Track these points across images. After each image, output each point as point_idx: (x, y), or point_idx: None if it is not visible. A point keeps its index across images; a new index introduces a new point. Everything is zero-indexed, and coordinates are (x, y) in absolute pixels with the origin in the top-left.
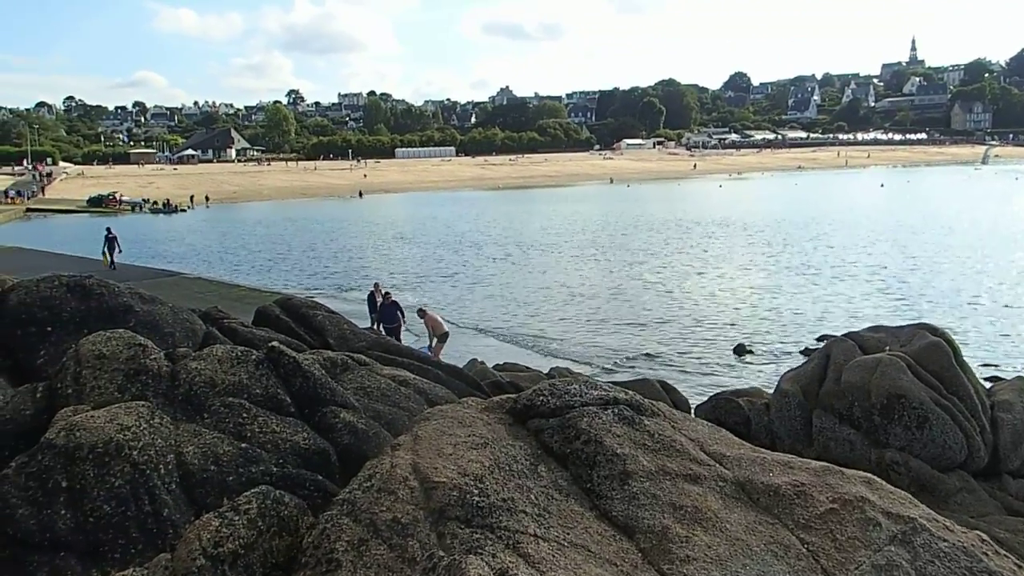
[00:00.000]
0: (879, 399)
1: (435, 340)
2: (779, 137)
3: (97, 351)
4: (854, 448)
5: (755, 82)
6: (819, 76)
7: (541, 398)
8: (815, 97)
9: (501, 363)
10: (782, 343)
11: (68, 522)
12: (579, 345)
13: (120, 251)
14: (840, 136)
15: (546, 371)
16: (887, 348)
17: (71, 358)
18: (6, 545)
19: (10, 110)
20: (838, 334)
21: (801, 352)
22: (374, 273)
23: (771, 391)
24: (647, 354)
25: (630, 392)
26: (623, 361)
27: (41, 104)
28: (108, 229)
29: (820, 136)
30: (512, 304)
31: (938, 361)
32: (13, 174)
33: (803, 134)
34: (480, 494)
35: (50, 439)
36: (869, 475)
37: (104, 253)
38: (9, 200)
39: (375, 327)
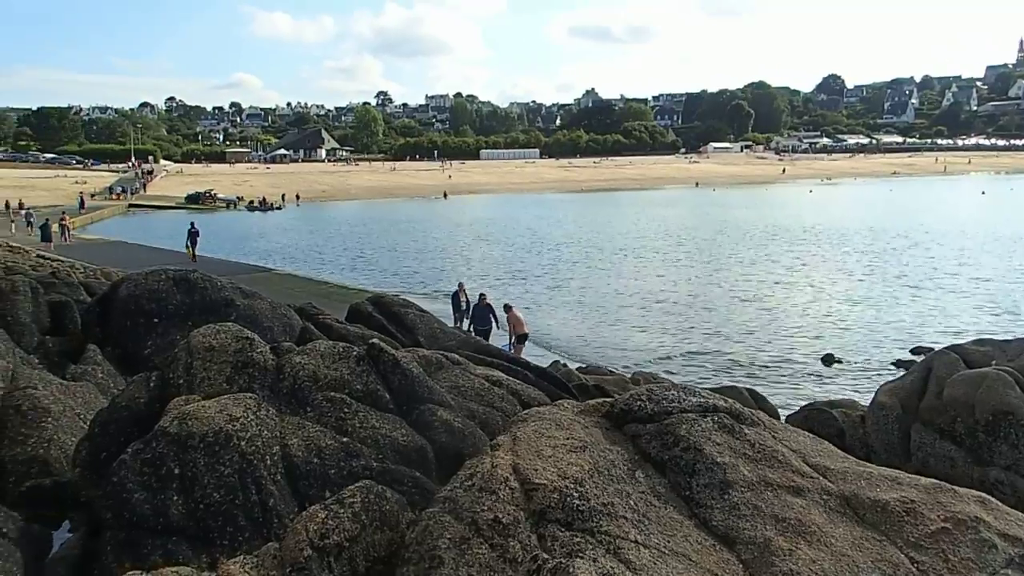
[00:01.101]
0: (984, 415)
1: (514, 339)
2: (873, 142)
3: (207, 343)
4: (955, 465)
5: (849, 85)
6: (918, 79)
7: (639, 403)
8: (913, 100)
9: (584, 366)
10: (873, 355)
11: (180, 508)
12: (661, 351)
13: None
14: (939, 141)
15: (630, 376)
16: (993, 362)
17: (183, 349)
18: (122, 527)
19: (116, 110)
20: (934, 347)
21: (893, 364)
22: (456, 273)
23: (863, 403)
24: (732, 361)
25: (729, 400)
26: (707, 368)
27: (144, 104)
28: (192, 224)
29: (918, 141)
30: (592, 308)
31: None
32: (118, 171)
33: (899, 139)
34: (580, 497)
35: (164, 427)
36: (983, 494)
37: (187, 246)
38: (114, 196)
39: (458, 325)
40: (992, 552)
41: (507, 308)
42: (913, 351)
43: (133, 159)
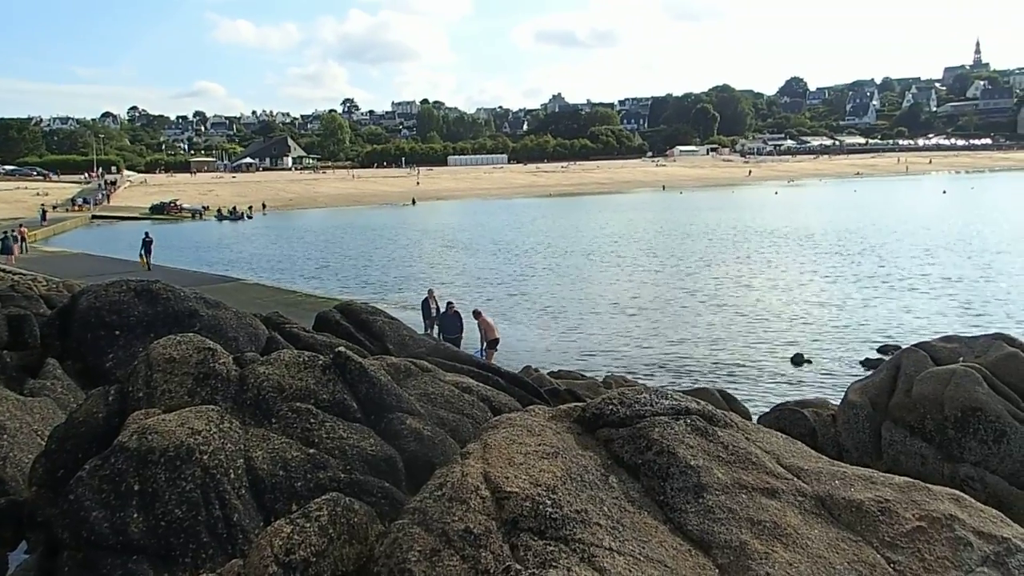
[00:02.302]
0: (953, 412)
1: (485, 344)
2: (837, 143)
3: (168, 355)
4: (926, 462)
5: (812, 87)
6: (878, 81)
7: (611, 407)
8: (874, 102)
9: (555, 371)
10: (842, 354)
11: (140, 525)
12: (631, 354)
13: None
14: (900, 142)
15: (601, 379)
16: (961, 359)
17: (142, 361)
18: (80, 547)
19: (77, 120)
20: (902, 345)
21: (861, 363)
22: (425, 280)
23: (833, 402)
24: (702, 364)
25: (702, 402)
26: (677, 371)
27: (107, 114)
28: (146, 233)
29: (879, 142)
30: (561, 314)
31: (1017, 373)
32: (80, 182)
33: (862, 140)
34: (553, 505)
35: (123, 442)
36: (957, 492)
37: (141, 255)
38: (77, 208)
39: (428, 332)
40: (968, 550)
41: (476, 314)
42: (880, 350)
43: (97, 170)
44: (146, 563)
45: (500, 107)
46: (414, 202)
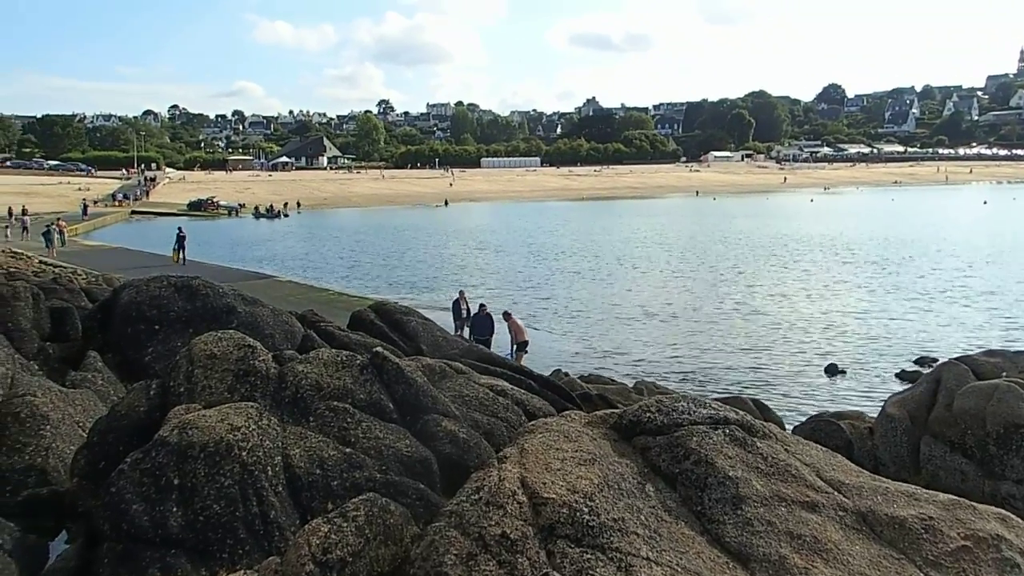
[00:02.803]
0: (995, 428)
1: (515, 347)
2: (875, 151)
3: (209, 351)
4: (966, 479)
5: (850, 94)
6: (919, 88)
7: (648, 415)
8: (914, 110)
9: (585, 375)
10: (877, 366)
11: (179, 520)
12: (660, 360)
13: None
14: (940, 151)
15: (632, 385)
16: (1004, 374)
17: (184, 357)
18: (120, 539)
19: (120, 118)
20: (938, 358)
21: (897, 375)
22: (456, 281)
23: (869, 414)
24: (733, 372)
25: (740, 412)
26: (707, 378)
27: (148, 112)
28: (179, 229)
29: (919, 151)
30: (592, 318)
31: None
32: (121, 178)
33: (900, 148)
34: (590, 512)
35: (164, 436)
36: (1003, 511)
37: (175, 250)
38: (117, 203)
39: (459, 333)
40: (1015, 572)
41: (506, 316)
42: (917, 362)
43: (138, 166)
44: (184, 557)
45: (534, 110)
46: (447, 203)
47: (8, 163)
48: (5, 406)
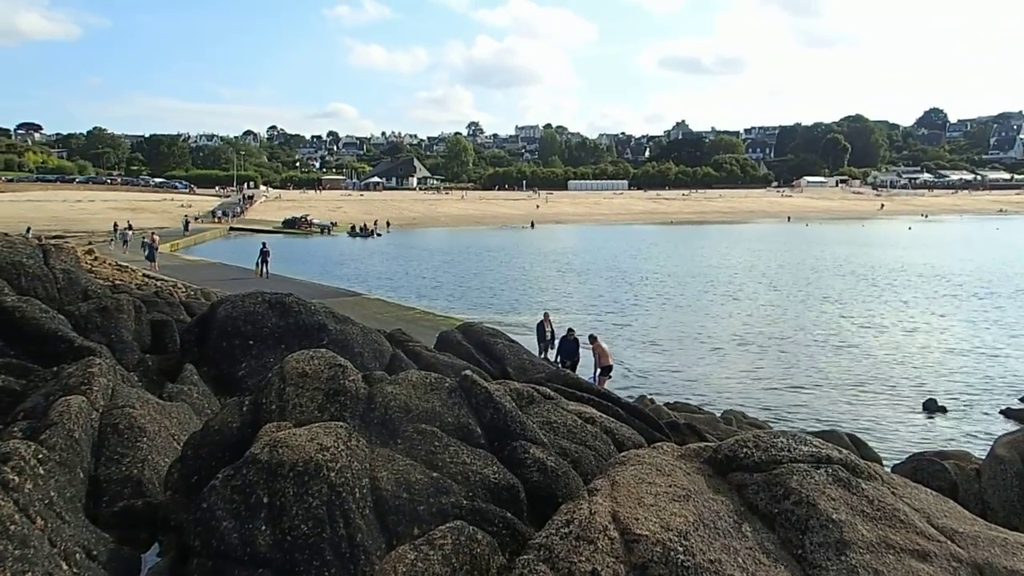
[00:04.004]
0: None
1: (599, 371)
2: (978, 178)
3: (300, 369)
4: None
5: (952, 119)
6: None
7: (745, 450)
8: (1021, 135)
9: (670, 402)
10: (978, 403)
11: (268, 538)
12: (746, 390)
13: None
14: None
15: (719, 414)
16: None
17: (276, 374)
18: (210, 556)
19: (221, 138)
20: None
21: (1002, 412)
22: (538, 303)
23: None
24: (822, 404)
25: (844, 450)
26: (796, 410)
27: (248, 132)
28: (263, 244)
29: None
30: (678, 344)
31: None
32: (218, 195)
33: (1006, 175)
34: (685, 552)
35: (255, 454)
36: None
37: (257, 264)
38: (216, 220)
39: (544, 356)
40: None
41: (592, 339)
42: (1023, 399)
43: (236, 184)
44: None
45: (622, 133)
46: (532, 225)
47: (120, 179)
48: (106, 417)
